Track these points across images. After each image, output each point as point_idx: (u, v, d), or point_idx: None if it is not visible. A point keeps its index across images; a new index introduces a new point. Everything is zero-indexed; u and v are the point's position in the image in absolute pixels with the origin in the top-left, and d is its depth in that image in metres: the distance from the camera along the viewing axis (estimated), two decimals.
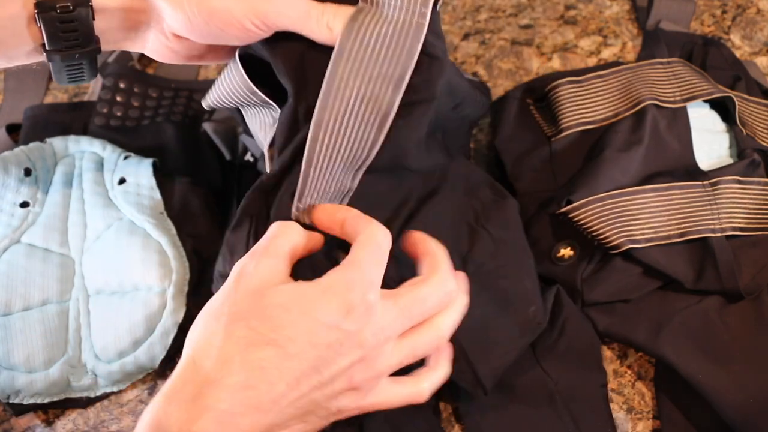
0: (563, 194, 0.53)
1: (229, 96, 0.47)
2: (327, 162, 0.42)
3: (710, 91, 0.58)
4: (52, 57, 0.40)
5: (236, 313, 0.35)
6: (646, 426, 0.51)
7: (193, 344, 0.36)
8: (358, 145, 0.42)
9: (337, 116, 0.41)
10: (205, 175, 0.61)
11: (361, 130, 0.42)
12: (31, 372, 0.51)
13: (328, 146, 0.41)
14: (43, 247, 0.55)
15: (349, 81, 0.41)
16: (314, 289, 0.36)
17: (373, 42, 0.41)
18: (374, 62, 0.41)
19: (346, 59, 0.41)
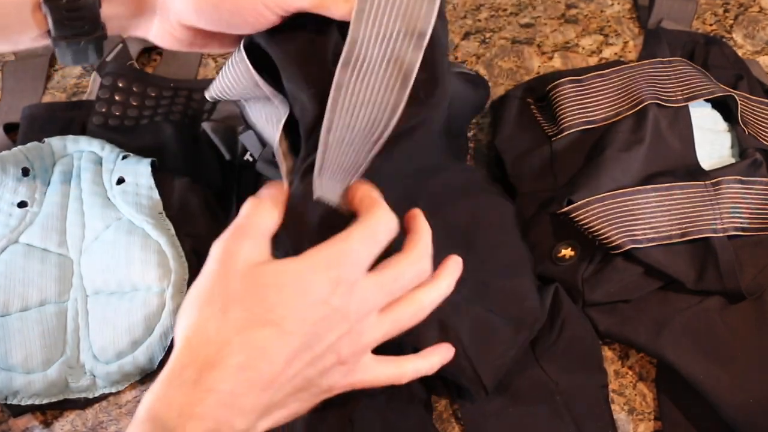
0: (564, 194, 0.53)
1: (233, 87, 0.46)
2: (346, 128, 0.41)
3: (712, 91, 0.58)
4: (57, 43, 0.40)
5: (229, 296, 0.36)
6: (647, 427, 0.50)
7: (187, 330, 0.36)
8: (379, 108, 0.41)
9: (358, 76, 0.41)
10: (205, 174, 0.60)
11: (382, 90, 0.41)
12: (29, 373, 0.51)
13: (348, 108, 0.41)
14: (41, 247, 0.55)
15: (369, 42, 0.41)
16: (302, 265, 0.36)
17: (390, 4, 0.41)
18: (393, 21, 0.41)
19: (366, 20, 0.41)
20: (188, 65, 0.70)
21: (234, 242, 0.38)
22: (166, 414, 0.33)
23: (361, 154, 0.42)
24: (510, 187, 0.58)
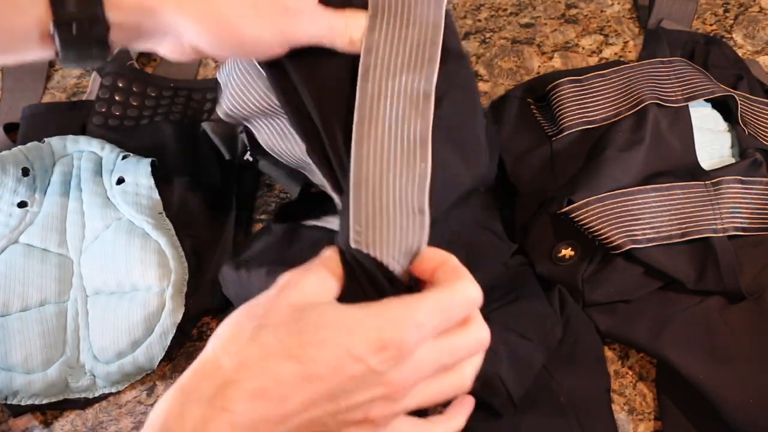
0: (564, 194, 0.53)
1: (246, 104, 0.46)
2: (378, 173, 0.40)
3: (712, 91, 0.57)
4: (65, 64, 0.41)
5: (268, 320, 0.34)
6: (647, 427, 0.50)
7: (219, 340, 0.35)
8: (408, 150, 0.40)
9: (377, 123, 0.40)
10: (205, 175, 0.60)
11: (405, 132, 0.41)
12: (29, 373, 0.51)
13: (375, 157, 0.40)
14: (41, 248, 0.55)
15: (381, 82, 0.41)
16: (354, 315, 0.34)
17: (395, 48, 0.41)
18: (402, 55, 0.41)
19: (374, 59, 0.41)
20: (188, 65, 0.70)
21: (298, 274, 0.37)
22: (179, 428, 0.32)
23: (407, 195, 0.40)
24: (510, 187, 0.58)
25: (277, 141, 0.48)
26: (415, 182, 0.40)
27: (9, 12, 0.37)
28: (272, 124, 0.48)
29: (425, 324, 0.34)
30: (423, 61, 0.41)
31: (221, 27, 0.39)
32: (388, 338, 0.33)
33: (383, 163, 0.40)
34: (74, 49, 0.39)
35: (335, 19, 0.41)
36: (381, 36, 0.41)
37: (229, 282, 0.50)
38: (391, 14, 0.42)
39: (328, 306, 0.35)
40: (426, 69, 0.41)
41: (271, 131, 0.48)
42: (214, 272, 0.57)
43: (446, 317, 0.35)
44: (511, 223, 0.57)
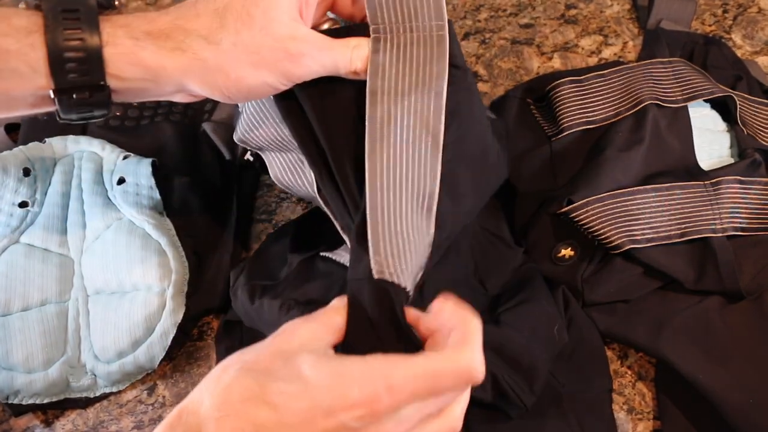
0: (564, 194, 0.53)
1: (259, 134, 0.46)
2: (392, 202, 0.40)
3: (711, 91, 0.58)
4: (65, 121, 0.41)
5: (254, 364, 0.35)
6: (646, 426, 0.50)
7: (206, 380, 0.35)
8: (419, 175, 0.40)
9: (389, 149, 0.40)
10: (205, 175, 0.61)
11: (416, 156, 0.40)
12: (31, 372, 0.51)
13: (387, 184, 0.40)
14: (42, 247, 0.55)
15: (390, 111, 0.40)
16: (333, 369, 0.34)
17: (401, 68, 0.41)
18: (409, 75, 0.41)
19: (381, 82, 0.41)
20: None
21: (296, 324, 0.37)
22: None
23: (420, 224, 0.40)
24: (510, 187, 0.58)
25: (287, 176, 0.48)
26: (424, 206, 0.40)
27: (9, 77, 0.37)
28: (284, 158, 0.47)
29: (400, 388, 0.33)
30: (431, 79, 0.41)
31: (227, 83, 0.39)
32: (357, 398, 0.33)
33: (397, 189, 0.40)
34: (75, 111, 0.39)
35: (339, 53, 0.40)
36: (386, 58, 0.41)
37: (240, 301, 0.51)
38: (393, 34, 0.41)
39: (312, 356, 0.35)
40: (435, 86, 0.41)
41: (283, 165, 0.48)
42: (215, 272, 0.57)
43: (431, 385, 0.34)
44: (511, 223, 0.57)
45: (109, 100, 0.39)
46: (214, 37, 0.38)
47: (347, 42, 0.41)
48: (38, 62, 0.36)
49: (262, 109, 0.46)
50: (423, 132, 0.41)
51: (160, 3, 0.76)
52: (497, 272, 0.53)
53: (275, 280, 0.51)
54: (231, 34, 0.38)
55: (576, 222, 0.52)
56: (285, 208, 0.62)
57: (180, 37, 0.38)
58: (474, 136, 0.44)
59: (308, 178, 0.46)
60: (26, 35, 0.36)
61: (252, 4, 0.38)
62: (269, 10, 0.38)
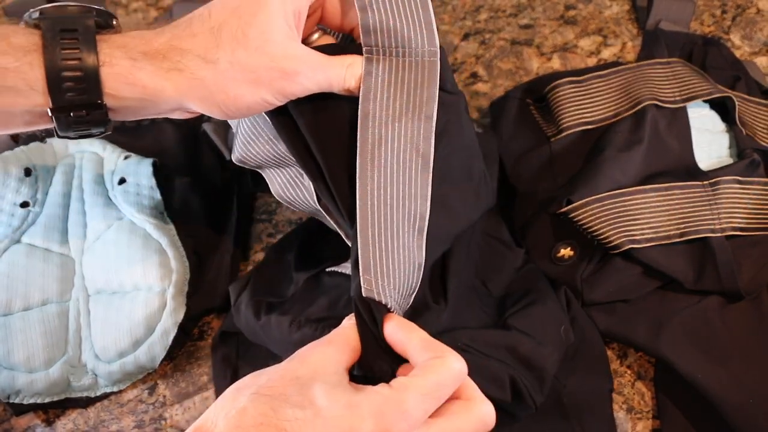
0: (563, 194, 0.53)
1: (256, 152, 0.46)
2: (383, 222, 0.41)
3: (710, 91, 0.58)
4: (63, 137, 0.41)
5: (269, 389, 0.35)
6: (645, 426, 0.51)
7: (221, 400, 0.36)
8: (408, 196, 0.41)
9: (379, 170, 0.41)
10: (205, 175, 0.61)
11: (406, 178, 0.41)
12: (32, 372, 0.51)
13: (378, 205, 0.41)
14: (43, 247, 0.55)
15: (381, 134, 0.41)
16: (346, 399, 0.35)
17: (393, 91, 0.41)
18: (400, 99, 0.41)
19: (373, 105, 0.41)
20: None
21: (309, 349, 0.37)
22: None
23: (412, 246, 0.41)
24: (510, 187, 0.58)
25: (288, 190, 0.48)
26: (415, 228, 0.41)
27: (7, 94, 0.37)
28: (283, 173, 0.48)
29: (413, 410, 0.34)
30: (422, 103, 0.41)
31: (226, 101, 0.40)
32: (369, 430, 0.34)
33: (387, 209, 0.41)
34: (73, 129, 0.39)
35: (333, 71, 0.41)
36: (378, 81, 0.41)
37: (244, 316, 0.51)
38: (386, 56, 0.42)
39: (326, 385, 0.35)
40: (425, 110, 0.41)
41: (283, 181, 0.48)
42: (215, 272, 0.57)
43: (435, 399, 0.35)
44: (511, 223, 0.57)
45: (106, 119, 0.39)
46: (211, 56, 0.38)
47: (341, 60, 0.41)
48: (36, 81, 0.37)
49: (256, 126, 0.46)
50: (414, 154, 0.41)
51: (161, 3, 0.76)
52: (499, 273, 0.53)
53: (281, 297, 0.51)
54: (227, 53, 0.38)
55: (575, 222, 0.53)
56: (285, 208, 0.62)
57: (177, 58, 0.38)
58: (460, 157, 0.45)
59: (309, 191, 0.46)
60: (24, 54, 0.36)
61: (246, 24, 0.38)
62: (264, 31, 0.39)
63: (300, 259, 0.54)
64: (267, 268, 0.55)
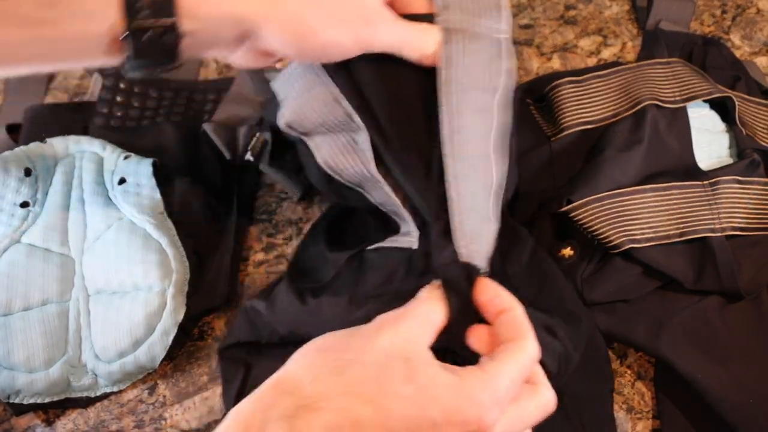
0: (563, 194, 0.53)
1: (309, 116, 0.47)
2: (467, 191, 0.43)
3: (710, 91, 0.58)
4: (130, 72, 0.40)
5: (359, 357, 0.34)
6: (645, 426, 0.51)
7: (303, 360, 0.35)
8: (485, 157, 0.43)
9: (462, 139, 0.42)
10: (205, 175, 0.61)
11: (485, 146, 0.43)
12: (32, 372, 0.51)
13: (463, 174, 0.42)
14: (43, 247, 0.55)
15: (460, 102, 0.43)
16: (440, 381, 0.34)
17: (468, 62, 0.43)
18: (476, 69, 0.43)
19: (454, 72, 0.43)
20: (189, 67, 0.70)
21: (395, 318, 0.36)
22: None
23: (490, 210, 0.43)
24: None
25: (339, 157, 0.48)
26: (491, 191, 0.44)
27: (78, 18, 0.37)
28: (334, 140, 0.48)
29: (504, 398, 0.34)
30: (497, 74, 0.44)
31: (305, 34, 0.40)
32: (470, 415, 0.33)
33: (470, 178, 0.43)
34: (144, 57, 0.39)
35: (409, 32, 0.42)
36: (455, 49, 0.43)
37: (286, 305, 0.50)
38: (461, 31, 0.44)
39: (417, 361, 0.34)
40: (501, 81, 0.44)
41: (332, 147, 0.48)
42: (215, 272, 0.57)
43: (519, 384, 0.36)
44: None
45: (176, 48, 0.39)
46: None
47: (419, 25, 0.43)
48: (111, 2, 0.37)
49: (314, 88, 0.46)
50: (489, 120, 0.43)
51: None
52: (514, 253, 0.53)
53: (319, 282, 0.51)
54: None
55: (575, 222, 0.53)
56: (285, 208, 0.62)
57: None
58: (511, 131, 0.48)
59: (364, 157, 0.46)
60: None
61: None
62: None
63: (332, 241, 0.54)
64: (300, 260, 0.55)
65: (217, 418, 0.52)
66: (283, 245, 0.60)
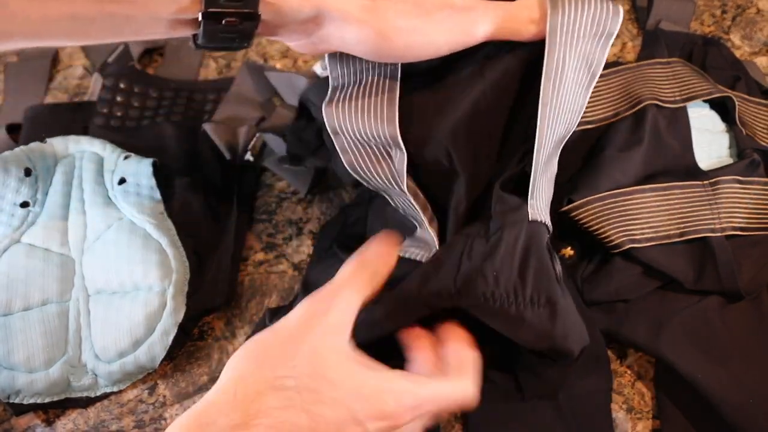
0: (564, 193, 0.53)
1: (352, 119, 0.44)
2: (549, 144, 0.42)
3: (710, 91, 0.58)
4: (199, 48, 0.40)
5: (293, 369, 0.35)
6: (645, 426, 0.51)
7: (238, 373, 0.36)
8: (571, 112, 0.42)
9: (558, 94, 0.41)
10: (205, 175, 0.61)
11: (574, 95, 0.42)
12: (32, 372, 0.51)
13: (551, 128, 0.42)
14: (43, 247, 0.55)
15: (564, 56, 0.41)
16: (365, 380, 0.36)
17: (579, 17, 0.41)
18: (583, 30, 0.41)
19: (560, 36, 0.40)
20: (189, 66, 0.70)
21: (320, 315, 0.37)
22: None
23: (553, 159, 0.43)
24: None
25: (368, 165, 0.46)
26: (561, 142, 0.44)
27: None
28: (364, 145, 0.46)
29: (423, 407, 0.36)
30: (604, 26, 0.42)
31: (388, 31, 0.38)
32: (389, 411, 0.35)
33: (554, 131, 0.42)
34: (217, 39, 0.38)
35: (508, 4, 0.39)
36: (565, 7, 0.41)
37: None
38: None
39: (344, 360, 0.36)
40: (607, 30, 0.42)
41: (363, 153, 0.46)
42: (215, 272, 0.57)
43: (442, 407, 0.38)
44: None
45: (254, 32, 0.38)
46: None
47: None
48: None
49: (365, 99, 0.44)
50: (585, 71, 0.42)
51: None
52: None
53: None
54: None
55: (576, 221, 0.53)
56: (285, 208, 0.62)
57: None
58: None
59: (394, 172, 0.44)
60: None
61: None
62: None
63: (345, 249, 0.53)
64: (312, 270, 0.55)
65: None
66: (283, 245, 0.60)
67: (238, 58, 0.71)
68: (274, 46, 0.71)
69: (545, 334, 0.42)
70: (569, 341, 0.43)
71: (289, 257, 0.59)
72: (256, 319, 0.56)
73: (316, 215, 0.61)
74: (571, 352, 0.44)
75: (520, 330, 0.42)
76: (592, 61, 0.42)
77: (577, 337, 0.44)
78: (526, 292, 0.41)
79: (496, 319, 0.41)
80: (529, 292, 0.41)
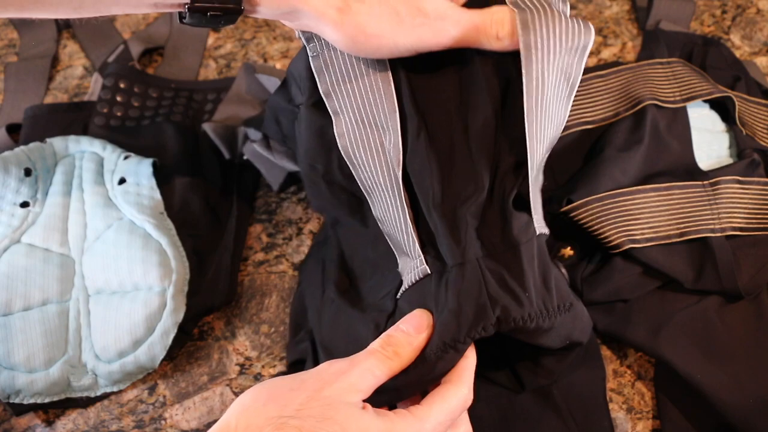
0: (563, 193, 0.53)
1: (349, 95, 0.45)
2: (539, 158, 0.43)
3: (710, 91, 0.58)
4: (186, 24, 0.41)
5: (299, 412, 0.35)
6: (645, 426, 0.51)
7: (243, 417, 0.36)
8: (555, 125, 0.43)
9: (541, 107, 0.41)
10: (205, 175, 0.61)
11: (557, 107, 0.43)
12: (32, 372, 0.51)
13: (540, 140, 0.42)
14: (43, 247, 0.55)
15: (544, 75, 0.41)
16: (378, 423, 0.36)
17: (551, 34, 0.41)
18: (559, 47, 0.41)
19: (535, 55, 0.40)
20: (189, 66, 0.70)
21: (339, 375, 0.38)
22: None
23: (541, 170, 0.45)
24: None
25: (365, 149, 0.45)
26: (547, 152, 0.45)
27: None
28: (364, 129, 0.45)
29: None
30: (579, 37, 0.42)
31: (359, 35, 0.39)
32: None
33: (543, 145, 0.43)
34: (203, 23, 0.40)
35: (479, 17, 0.40)
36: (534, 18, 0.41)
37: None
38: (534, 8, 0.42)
39: (353, 410, 0.36)
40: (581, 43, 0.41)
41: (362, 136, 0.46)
42: (215, 272, 0.57)
43: (446, 427, 0.39)
44: None
45: (236, 19, 0.40)
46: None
47: (484, 10, 0.41)
48: None
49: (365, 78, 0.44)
50: (563, 85, 0.42)
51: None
52: None
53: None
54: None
55: (575, 221, 0.53)
56: (285, 208, 0.62)
57: None
58: None
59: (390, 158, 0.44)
60: None
61: None
62: None
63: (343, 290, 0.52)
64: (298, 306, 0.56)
65: (216, 418, 0.52)
66: (283, 245, 0.60)
67: (238, 58, 0.71)
68: (274, 46, 0.71)
69: (567, 334, 0.44)
70: (583, 333, 0.45)
71: (289, 257, 0.59)
72: (256, 320, 0.56)
73: (316, 215, 0.61)
74: (582, 343, 0.46)
75: (550, 337, 0.43)
76: (570, 74, 0.42)
77: (587, 328, 0.46)
78: (554, 304, 0.42)
79: (530, 335, 0.42)
80: (555, 302, 0.42)
